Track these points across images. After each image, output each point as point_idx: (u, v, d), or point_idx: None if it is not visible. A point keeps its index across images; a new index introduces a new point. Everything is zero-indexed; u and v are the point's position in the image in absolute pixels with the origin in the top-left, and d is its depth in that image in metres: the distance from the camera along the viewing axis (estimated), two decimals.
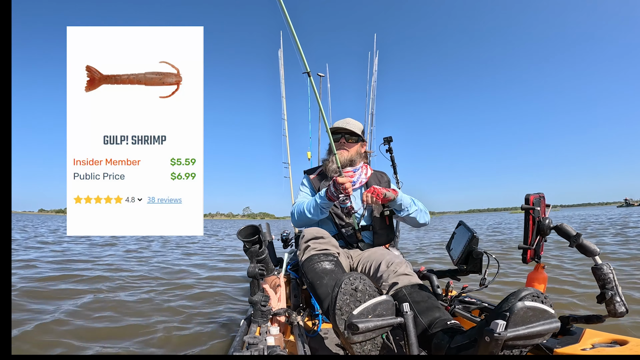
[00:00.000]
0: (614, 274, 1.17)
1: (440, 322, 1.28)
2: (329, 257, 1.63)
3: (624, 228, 11.28)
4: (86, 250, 7.91)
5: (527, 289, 1.02)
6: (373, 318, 1.17)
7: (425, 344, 1.29)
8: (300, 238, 1.79)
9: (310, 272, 1.59)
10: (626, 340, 1.15)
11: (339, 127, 2.14)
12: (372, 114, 4.46)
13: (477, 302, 1.88)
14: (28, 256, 6.47)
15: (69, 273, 4.79)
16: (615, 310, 1.14)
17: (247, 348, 1.17)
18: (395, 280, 1.55)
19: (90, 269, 5.32)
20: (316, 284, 1.54)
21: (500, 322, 0.94)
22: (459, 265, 1.86)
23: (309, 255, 1.64)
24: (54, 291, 3.76)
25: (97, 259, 6.35)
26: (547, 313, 0.99)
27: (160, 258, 7.05)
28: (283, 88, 4.55)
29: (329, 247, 1.68)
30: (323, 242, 1.70)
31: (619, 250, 6.17)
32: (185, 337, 2.55)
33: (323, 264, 1.59)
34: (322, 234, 1.73)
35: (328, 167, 2.11)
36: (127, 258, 6.84)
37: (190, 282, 4.58)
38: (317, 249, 1.65)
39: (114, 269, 5.43)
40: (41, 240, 10.04)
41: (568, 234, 1.28)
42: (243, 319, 1.66)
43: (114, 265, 5.73)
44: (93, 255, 6.97)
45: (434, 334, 1.24)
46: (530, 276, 1.42)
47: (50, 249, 7.88)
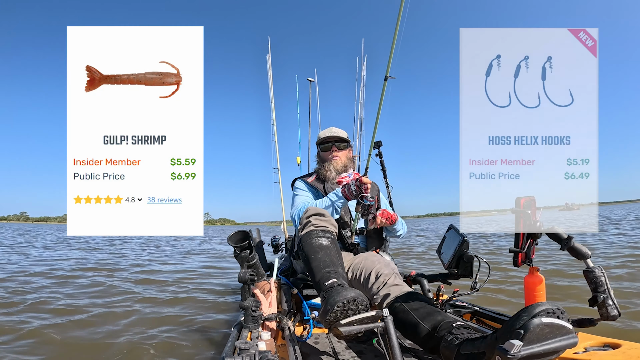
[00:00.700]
0: (606, 277, 1.17)
1: (446, 325, 1.26)
2: (327, 234, 1.65)
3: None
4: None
5: (542, 303, 0.96)
6: (357, 325, 1.25)
7: (432, 349, 1.28)
8: (301, 215, 1.80)
9: (307, 246, 1.61)
10: (619, 344, 1.15)
11: (329, 136, 2.20)
12: (361, 118, 4.48)
13: (468, 306, 1.89)
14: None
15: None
16: (607, 314, 1.14)
17: (238, 354, 1.15)
18: (387, 291, 1.57)
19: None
20: (311, 257, 1.57)
21: (515, 343, 0.89)
22: (450, 269, 1.86)
23: (308, 230, 1.67)
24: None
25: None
26: (564, 329, 0.94)
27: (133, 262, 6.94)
28: (272, 93, 4.54)
29: (328, 225, 1.70)
30: (323, 219, 1.71)
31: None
32: (175, 344, 2.50)
33: (320, 240, 1.61)
34: (323, 212, 1.75)
35: (327, 175, 2.18)
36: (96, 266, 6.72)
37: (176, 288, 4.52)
38: (316, 225, 1.67)
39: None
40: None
41: (559, 237, 1.28)
42: (234, 325, 1.63)
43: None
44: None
45: (441, 337, 1.23)
46: (527, 280, 1.41)
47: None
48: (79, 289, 4.35)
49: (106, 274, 5.55)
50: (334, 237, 1.68)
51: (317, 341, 1.75)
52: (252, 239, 1.59)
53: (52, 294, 4.03)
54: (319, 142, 2.25)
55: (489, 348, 1.00)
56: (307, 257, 1.59)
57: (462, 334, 1.18)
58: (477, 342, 1.08)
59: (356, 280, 1.77)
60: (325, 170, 2.18)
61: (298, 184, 2.26)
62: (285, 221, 4.14)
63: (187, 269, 6.37)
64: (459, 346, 1.13)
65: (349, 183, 1.89)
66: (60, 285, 4.58)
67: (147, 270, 6.13)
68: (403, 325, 1.41)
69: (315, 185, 2.19)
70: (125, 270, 6.04)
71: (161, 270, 6.19)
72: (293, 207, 2.09)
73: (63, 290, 4.29)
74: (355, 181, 1.85)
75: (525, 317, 0.94)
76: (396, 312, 1.44)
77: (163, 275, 5.57)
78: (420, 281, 2.01)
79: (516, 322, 0.95)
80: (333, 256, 1.56)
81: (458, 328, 1.23)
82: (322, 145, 2.22)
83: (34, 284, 4.67)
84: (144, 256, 8.69)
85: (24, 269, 5.90)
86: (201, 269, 6.37)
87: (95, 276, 5.23)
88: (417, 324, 1.35)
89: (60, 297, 3.87)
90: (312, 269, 1.54)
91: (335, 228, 1.73)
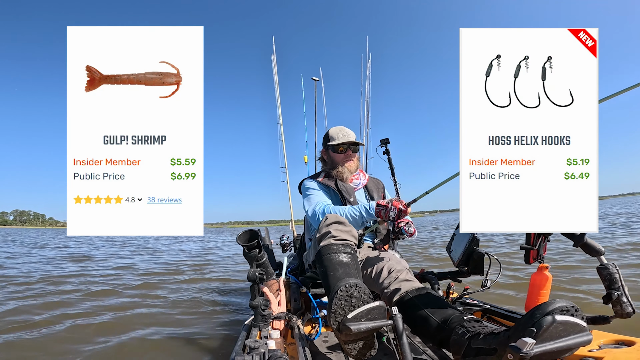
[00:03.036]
0: (620, 273, 1.15)
1: (457, 318, 1.25)
2: (347, 249, 1.60)
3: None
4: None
5: (557, 301, 0.95)
6: (365, 321, 1.24)
7: (442, 342, 1.26)
8: (322, 220, 1.74)
9: (326, 261, 1.56)
10: (633, 341, 1.13)
11: (345, 142, 2.18)
12: (368, 116, 4.46)
13: (479, 303, 1.87)
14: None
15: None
16: (622, 311, 1.12)
17: (248, 352, 1.15)
18: (397, 286, 1.56)
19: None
20: (330, 275, 1.51)
21: (528, 341, 0.88)
22: (460, 267, 1.85)
23: (327, 242, 1.61)
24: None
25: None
26: (578, 326, 0.93)
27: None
28: (277, 93, 4.55)
29: (349, 237, 1.65)
30: (344, 229, 1.66)
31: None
32: (185, 344, 2.53)
33: (340, 256, 1.56)
34: (343, 221, 1.70)
35: (343, 176, 2.17)
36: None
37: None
38: (337, 237, 1.62)
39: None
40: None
41: (572, 234, 1.26)
42: (244, 323, 1.64)
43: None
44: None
45: (451, 330, 1.22)
46: (533, 277, 1.40)
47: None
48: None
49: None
50: (354, 253, 1.63)
51: (327, 340, 1.75)
52: (261, 238, 1.59)
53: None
54: (333, 145, 2.20)
55: (501, 345, 0.99)
56: (325, 272, 1.55)
57: (473, 327, 1.16)
58: (489, 338, 1.07)
59: (367, 275, 1.76)
60: (340, 172, 2.17)
61: (309, 183, 2.21)
62: (294, 220, 4.14)
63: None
64: (469, 340, 1.12)
65: (389, 207, 1.80)
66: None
67: (151, 272, 6.19)
68: (412, 320, 1.40)
69: (327, 183, 2.17)
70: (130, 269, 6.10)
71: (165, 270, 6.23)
72: (310, 204, 2.04)
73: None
74: (397, 209, 1.76)
75: (538, 315, 0.93)
76: (406, 306, 1.43)
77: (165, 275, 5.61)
78: (430, 279, 2.00)
79: (529, 319, 0.94)
80: (352, 275, 1.50)
81: (469, 321, 1.22)
82: (337, 148, 2.20)
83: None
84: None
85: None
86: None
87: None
88: (426, 317, 1.33)
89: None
90: (329, 285, 1.50)
91: (355, 239, 1.68)
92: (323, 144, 2.30)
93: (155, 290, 4.43)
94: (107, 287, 4.55)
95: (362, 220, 1.86)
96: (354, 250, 1.64)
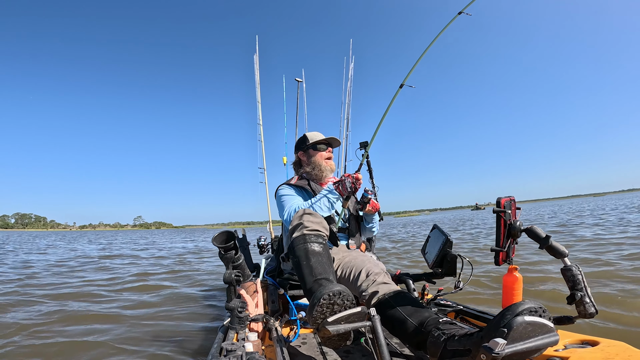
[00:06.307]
0: (583, 275, 1.20)
1: (433, 321, 1.28)
2: (319, 239, 1.64)
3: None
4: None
5: (525, 302, 0.99)
6: (345, 323, 1.25)
7: (419, 344, 1.29)
8: (293, 214, 1.83)
9: (298, 251, 1.60)
10: (597, 341, 1.17)
11: (328, 138, 2.31)
12: (348, 119, 4.48)
13: (452, 304, 1.91)
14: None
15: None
16: (585, 311, 1.16)
17: (225, 355, 1.14)
18: (375, 289, 1.58)
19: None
20: (302, 264, 1.55)
21: (500, 341, 0.90)
22: (434, 269, 1.89)
23: (300, 233, 1.65)
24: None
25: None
26: (546, 327, 0.96)
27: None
28: (258, 93, 4.52)
29: (320, 228, 1.69)
30: (315, 220, 1.70)
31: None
32: (159, 347, 2.48)
33: (312, 245, 1.60)
34: (314, 212, 1.75)
35: (322, 176, 2.27)
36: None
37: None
38: (309, 228, 1.66)
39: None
40: None
41: (538, 236, 1.30)
42: (220, 326, 1.63)
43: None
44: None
45: (428, 332, 1.25)
46: (505, 279, 1.44)
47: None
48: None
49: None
50: (325, 243, 1.67)
51: (305, 341, 1.75)
52: (238, 239, 1.57)
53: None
54: (314, 143, 2.28)
55: (475, 346, 1.02)
56: (298, 262, 1.58)
57: (448, 330, 1.20)
58: (463, 339, 1.10)
59: (345, 278, 1.77)
60: (320, 171, 2.25)
61: (282, 190, 2.22)
62: (272, 221, 4.11)
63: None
64: (445, 342, 1.15)
65: (343, 180, 1.93)
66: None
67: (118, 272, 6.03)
68: (390, 322, 1.42)
69: (301, 184, 2.19)
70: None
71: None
72: (285, 210, 2.05)
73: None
74: (350, 178, 1.92)
75: (509, 316, 0.96)
76: (384, 309, 1.46)
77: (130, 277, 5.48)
78: (406, 280, 2.03)
79: (500, 320, 0.97)
80: (325, 264, 1.55)
81: (445, 324, 1.25)
82: (318, 146, 2.26)
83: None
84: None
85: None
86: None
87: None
88: (404, 320, 1.36)
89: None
90: (303, 275, 1.54)
91: (326, 230, 1.73)
92: (299, 148, 2.35)
93: (129, 294, 4.32)
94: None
95: (328, 201, 1.96)
96: (325, 241, 1.69)
